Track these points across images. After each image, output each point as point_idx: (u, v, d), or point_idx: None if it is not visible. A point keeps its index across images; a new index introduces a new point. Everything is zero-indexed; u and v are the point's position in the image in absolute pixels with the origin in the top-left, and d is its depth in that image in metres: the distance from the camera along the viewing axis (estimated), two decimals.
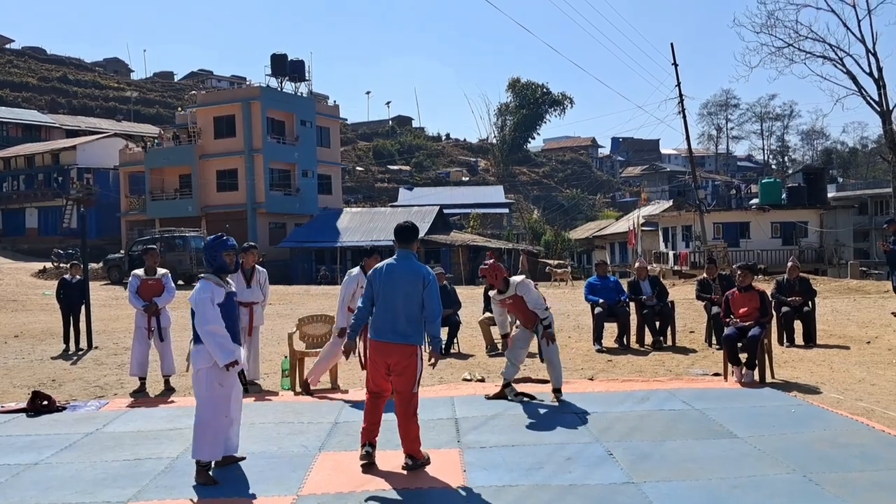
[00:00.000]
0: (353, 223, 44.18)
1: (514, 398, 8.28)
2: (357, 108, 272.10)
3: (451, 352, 11.97)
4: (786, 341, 12.01)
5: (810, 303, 12.29)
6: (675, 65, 37.24)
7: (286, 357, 9.52)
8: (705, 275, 12.86)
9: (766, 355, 9.29)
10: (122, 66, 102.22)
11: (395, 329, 5.89)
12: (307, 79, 51.59)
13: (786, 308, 12.09)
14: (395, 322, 5.89)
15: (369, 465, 6.02)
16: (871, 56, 34.15)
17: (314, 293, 27.87)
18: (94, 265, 30.45)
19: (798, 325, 12.21)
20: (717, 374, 9.60)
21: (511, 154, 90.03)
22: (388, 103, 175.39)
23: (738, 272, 9.88)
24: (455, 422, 7.46)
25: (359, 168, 79.55)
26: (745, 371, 9.12)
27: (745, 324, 9.28)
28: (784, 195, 43.59)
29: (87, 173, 54.43)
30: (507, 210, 63.52)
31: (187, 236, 33.21)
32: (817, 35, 35.27)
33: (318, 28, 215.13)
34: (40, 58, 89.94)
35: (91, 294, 14.31)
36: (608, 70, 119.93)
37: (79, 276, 14.00)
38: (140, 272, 9.75)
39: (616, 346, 12.14)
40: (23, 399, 8.70)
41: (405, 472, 5.90)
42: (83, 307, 13.75)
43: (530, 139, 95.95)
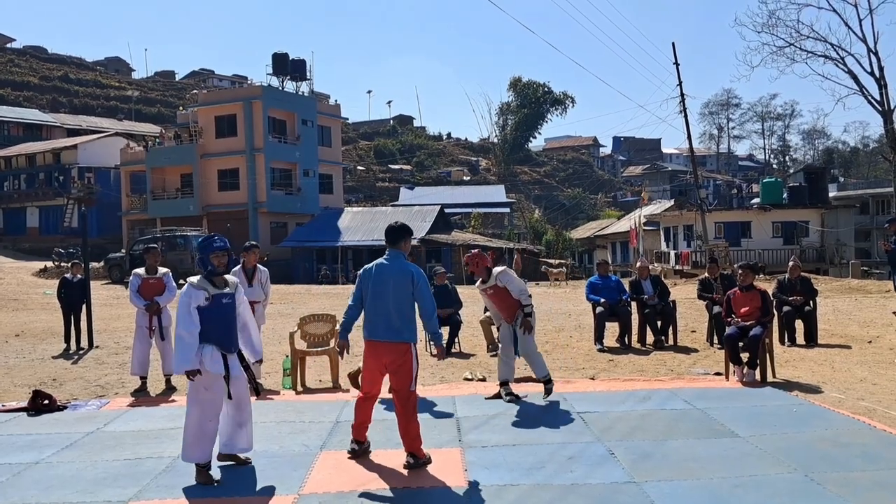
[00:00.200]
0: (355, 223, 44.17)
1: (508, 399, 8.28)
2: (358, 107, 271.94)
3: (453, 351, 11.96)
4: (787, 341, 12.00)
5: (811, 302, 12.28)
6: (677, 64, 37.24)
7: (287, 356, 9.51)
8: (707, 274, 12.85)
9: (768, 355, 9.29)
10: (123, 65, 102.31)
11: (388, 327, 5.97)
12: (308, 78, 51.69)
13: (787, 307, 12.08)
14: (388, 321, 5.97)
15: (369, 464, 6.04)
16: (873, 55, 34.17)
17: (315, 292, 27.87)
18: (95, 264, 30.49)
19: (799, 325, 12.20)
20: (718, 374, 9.60)
21: (512, 153, 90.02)
22: (389, 103, 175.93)
23: (740, 271, 9.87)
24: (456, 421, 7.46)
25: (360, 167, 79.57)
26: (746, 370, 9.11)
27: (747, 323, 9.27)
28: (785, 195, 43.58)
29: (88, 172, 54.46)
30: (508, 209, 63.50)
31: (188, 236, 33.21)
32: (819, 34, 35.32)
33: (319, 27, 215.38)
34: (42, 57, 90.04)
35: (92, 293, 14.31)
36: (609, 69, 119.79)
37: (80, 276, 13.99)
38: (141, 271, 9.75)
39: (617, 345, 12.13)
40: (24, 398, 8.70)
41: (406, 472, 5.90)
42: (84, 306, 13.75)
43: (531, 138, 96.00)
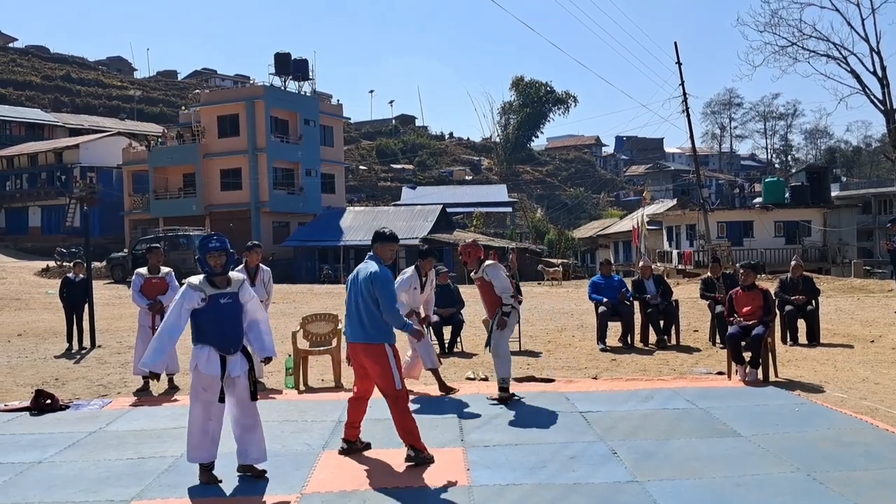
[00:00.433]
0: (357, 222, 44.17)
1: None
2: (360, 106, 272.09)
3: (455, 350, 11.98)
4: (789, 340, 12.00)
5: (814, 301, 12.28)
6: (679, 63, 37.17)
7: (290, 355, 9.52)
8: (709, 274, 12.85)
9: (770, 354, 9.28)
10: (125, 64, 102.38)
11: (359, 329, 6.08)
12: (311, 78, 51.73)
13: (789, 307, 12.08)
14: (359, 322, 6.08)
15: (371, 463, 6.06)
16: (875, 55, 34.14)
17: (317, 292, 27.88)
18: (97, 264, 30.50)
19: (802, 324, 12.20)
20: (720, 373, 9.60)
21: (514, 153, 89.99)
22: (391, 102, 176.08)
23: (741, 271, 9.87)
24: (458, 420, 7.46)
25: (362, 167, 79.56)
26: (748, 370, 9.11)
27: (749, 322, 9.27)
28: (787, 194, 43.57)
29: (90, 172, 54.51)
30: (510, 209, 63.48)
31: (191, 235, 33.23)
32: (821, 34, 35.40)
33: (321, 27, 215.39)
34: (44, 56, 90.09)
35: (94, 293, 14.32)
36: (612, 68, 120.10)
37: (82, 275, 14.01)
38: (143, 271, 9.76)
39: (620, 345, 12.13)
40: (26, 398, 8.71)
41: (409, 471, 5.90)
42: (86, 306, 13.76)
43: (534, 138, 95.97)
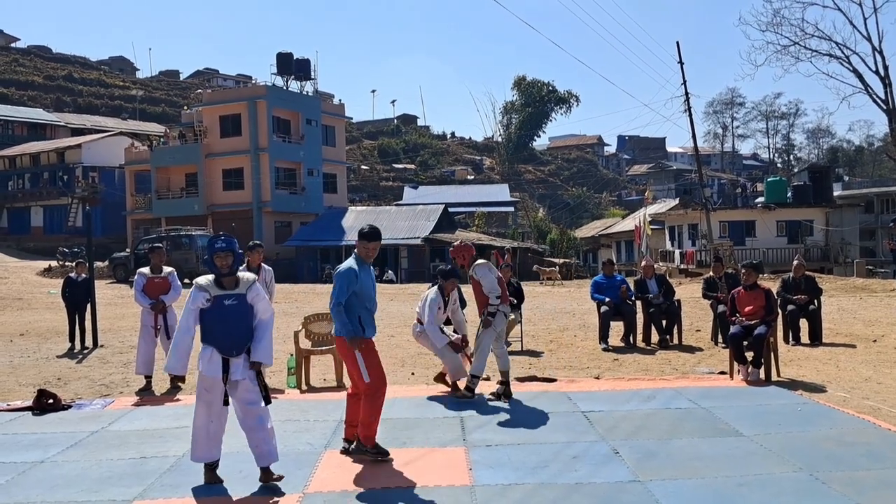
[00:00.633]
0: (359, 222, 44.13)
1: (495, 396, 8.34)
2: (362, 106, 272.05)
3: None
4: (792, 340, 11.99)
5: (816, 301, 12.27)
6: (681, 63, 37.12)
7: (292, 355, 9.52)
8: (711, 273, 12.84)
9: (772, 354, 9.28)
10: (127, 64, 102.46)
11: (337, 324, 6.24)
12: (313, 77, 51.76)
13: (792, 306, 12.07)
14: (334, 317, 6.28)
15: (373, 463, 6.07)
16: (878, 54, 34.19)
17: (319, 291, 27.87)
18: (99, 264, 30.58)
19: (804, 324, 12.18)
20: (723, 373, 9.59)
21: (516, 152, 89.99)
22: (393, 102, 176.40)
23: (743, 271, 9.86)
24: (460, 420, 7.46)
25: (364, 167, 79.59)
26: (751, 369, 9.10)
27: (751, 322, 9.27)
28: (790, 194, 43.54)
29: (92, 172, 54.56)
30: (512, 208, 63.42)
31: (193, 235, 33.23)
32: (823, 33, 35.58)
33: (323, 27, 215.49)
34: (46, 56, 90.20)
35: (96, 293, 14.32)
36: (614, 68, 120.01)
37: (84, 275, 14.00)
38: (146, 270, 9.77)
39: (622, 344, 12.12)
40: (28, 397, 8.72)
41: (411, 471, 5.89)
42: (88, 306, 13.77)
43: (536, 137, 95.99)
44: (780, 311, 10.73)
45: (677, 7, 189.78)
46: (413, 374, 10.15)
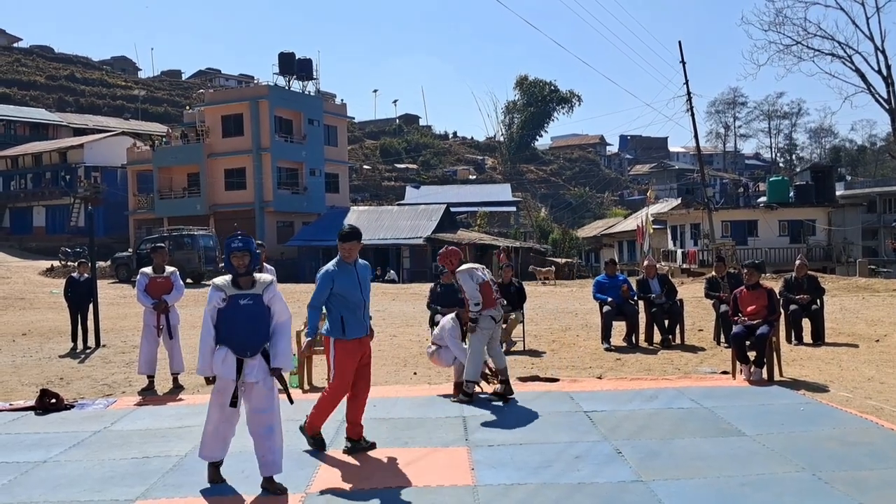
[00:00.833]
0: (360, 222, 44.14)
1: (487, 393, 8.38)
2: (364, 106, 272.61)
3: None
4: (794, 339, 11.98)
5: (818, 301, 12.25)
6: (683, 63, 37.14)
7: (294, 355, 9.50)
8: (714, 273, 12.83)
9: (775, 353, 9.26)
10: (129, 64, 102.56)
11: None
12: (315, 77, 51.78)
13: (794, 306, 12.06)
14: None
15: (375, 463, 6.08)
16: (880, 53, 34.21)
17: None
18: (101, 263, 30.58)
19: (806, 324, 12.17)
20: (725, 373, 9.58)
21: (518, 152, 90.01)
22: (395, 102, 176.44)
23: (745, 270, 9.85)
24: (463, 420, 7.46)
25: (366, 166, 79.60)
26: (753, 369, 9.09)
27: (754, 322, 9.26)
28: (792, 193, 43.52)
29: (94, 172, 54.57)
30: (514, 208, 63.44)
31: (195, 235, 33.21)
32: (826, 33, 35.65)
33: (325, 26, 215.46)
34: (48, 56, 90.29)
35: (99, 292, 14.33)
36: (616, 68, 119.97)
37: (86, 275, 14.02)
38: (148, 270, 9.76)
39: (625, 344, 12.11)
40: (31, 397, 8.73)
41: (413, 471, 5.89)
42: (91, 305, 13.78)
43: (538, 137, 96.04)
44: (782, 310, 10.72)
45: (679, 7, 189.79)
46: (415, 373, 10.16)
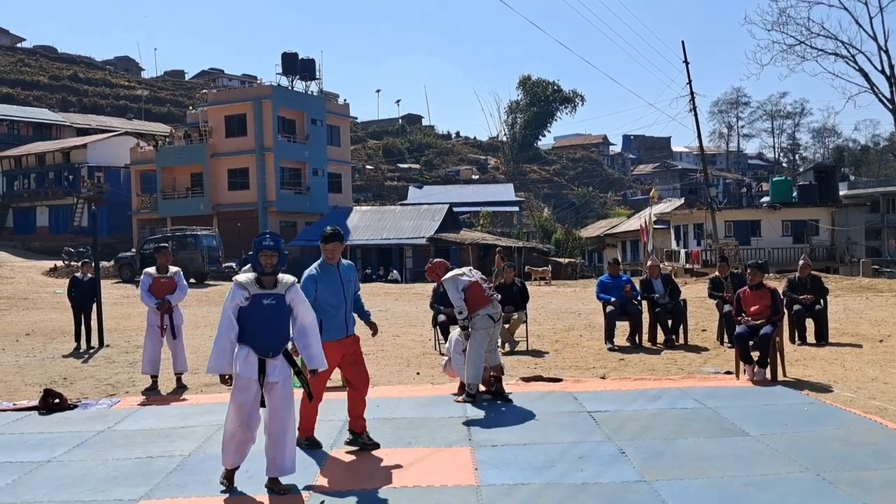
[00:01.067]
0: (363, 222, 44.23)
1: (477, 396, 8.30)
2: (367, 106, 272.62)
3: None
4: (798, 339, 11.96)
5: (822, 301, 12.23)
6: (687, 62, 37.14)
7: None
8: (717, 273, 12.82)
9: (778, 353, 9.25)
10: (132, 64, 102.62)
11: None
12: (317, 77, 51.79)
13: (797, 306, 12.04)
14: None
15: (378, 462, 6.11)
16: (884, 53, 34.15)
17: None
18: (105, 263, 30.57)
19: (810, 324, 12.15)
20: (729, 373, 9.57)
21: (521, 152, 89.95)
22: (397, 101, 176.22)
23: (749, 270, 9.84)
24: (466, 420, 7.45)
25: (368, 166, 79.59)
26: (757, 369, 9.08)
27: (757, 322, 9.24)
28: (795, 193, 43.46)
29: (97, 172, 54.64)
30: (517, 208, 63.42)
31: (199, 235, 33.26)
32: (829, 32, 35.63)
33: (328, 26, 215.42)
34: (51, 56, 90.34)
35: (102, 292, 14.35)
36: (619, 67, 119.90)
37: (90, 275, 14.04)
38: (152, 270, 9.77)
39: (628, 344, 12.11)
40: (35, 397, 8.74)
41: (417, 470, 5.90)
42: (94, 305, 13.79)
43: (541, 137, 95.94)
44: (785, 310, 10.70)
45: (683, 7, 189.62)
46: (418, 373, 10.16)
